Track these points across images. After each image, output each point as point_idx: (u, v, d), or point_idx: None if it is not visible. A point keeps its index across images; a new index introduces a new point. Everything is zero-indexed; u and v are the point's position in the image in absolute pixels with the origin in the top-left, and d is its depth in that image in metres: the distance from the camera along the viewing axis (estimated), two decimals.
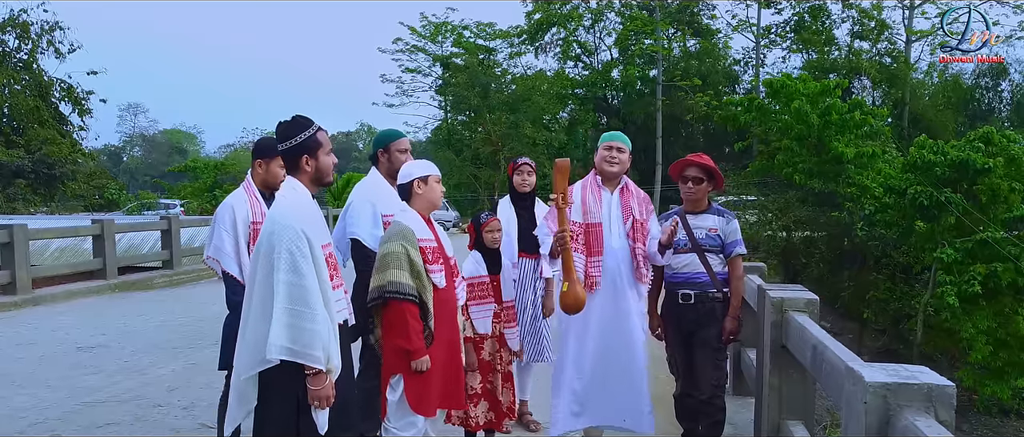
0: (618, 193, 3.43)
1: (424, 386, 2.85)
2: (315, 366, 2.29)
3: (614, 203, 3.41)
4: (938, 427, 1.52)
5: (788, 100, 17.95)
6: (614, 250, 3.35)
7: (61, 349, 6.26)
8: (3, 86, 29.62)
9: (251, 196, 3.31)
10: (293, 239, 2.31)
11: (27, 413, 4.43)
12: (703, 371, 3.47)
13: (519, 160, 4.08)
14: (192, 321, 7.54)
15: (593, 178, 3.46)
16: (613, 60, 34.50)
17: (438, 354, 2.89)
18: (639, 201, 3.45)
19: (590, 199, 3.38)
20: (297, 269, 2.29)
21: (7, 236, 8.61)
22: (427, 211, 3.00)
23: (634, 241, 3.37)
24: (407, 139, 3.52)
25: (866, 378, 1.68)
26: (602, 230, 3.34)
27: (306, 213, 2.42)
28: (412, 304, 2.79)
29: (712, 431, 3.60)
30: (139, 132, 69.46)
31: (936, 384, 1.62)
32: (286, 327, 2.26)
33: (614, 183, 3.45)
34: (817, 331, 2.55)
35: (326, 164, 2.51)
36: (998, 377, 12.94)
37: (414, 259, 2.81)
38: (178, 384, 5.09)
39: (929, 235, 14.06)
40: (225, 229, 3.21)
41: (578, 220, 3.35)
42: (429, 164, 3.03)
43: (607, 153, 3.41)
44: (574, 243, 3.25)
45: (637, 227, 3.38)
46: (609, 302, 3.35)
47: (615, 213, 3.39)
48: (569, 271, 3.18)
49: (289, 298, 2.28)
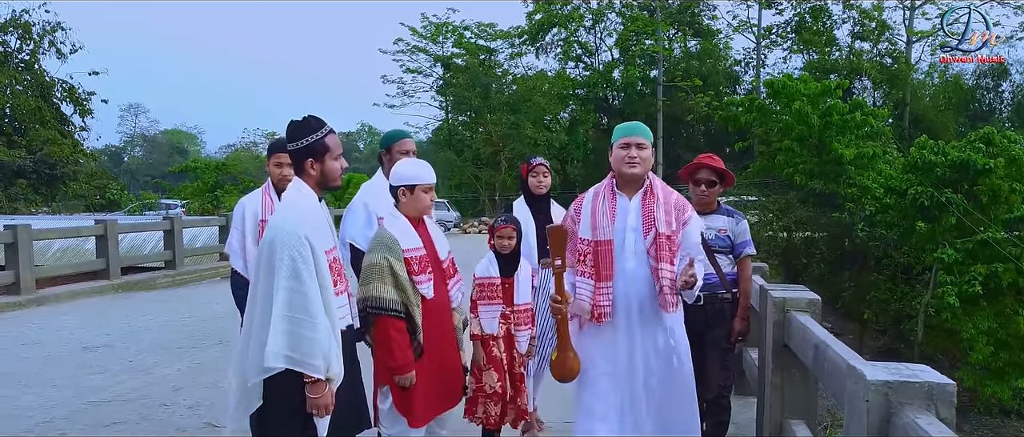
0: (638, 200, 2.74)
1: (411, 398, 2.83)
2: (314, 375, 2.26)
3: (633, 213, 2.72)
4: (939, 424, 1.55)
5: (789, 101, 17.99)
6: (628, 272, 2.67)
7: (66, 349, 6.29)
8: (5, 86, 29.72)
9: (265, 193, 3.35)
10: (295, 245, 2.27)
11: (34, 412, 4.46)
12: (711, 371, 3.49)
13: (534, 161, 3.80)
14: (196, 321, 7.58)
15: (608, 184, 2.80)
16: (614, 60, 34.55)
17: (429, 364, 2.84)
18: (668, 208, 2.73)
19: (601, 211, 2.73)
20: (298, 276, 2.26)
21: (11, 236, 8.66)
22: (417, 215, 2.91)
23: (657, 260, 2.64)
24: (410, 140, 3.48)
25: (868, 376, 1.70)
26: (613, 249, 2.70)
27: (310, 217, 2.37)
28: (395, 319, 2.74)
29: (717, 431, 3.63)
30: (140, 132, 69.57)
31: (937, 382, 1.65)
32: (285, 334, 2.24)
33: (635, 187, 2.77)
34: (819, 331, 2.58)
35: (332, 169, 2.47)
36: (999, 377, 12.96)
37: (398, 272, 2.73)
38: (183, 384, 5.12)
39: (930, 235, 14.08)
40: (235, 226, 3.28)
41: (586, 236, 2.73)
42: (419, 172, 2.89)
43: (625, 152, 2.72)
44: (582, 266, 2.72)
45: (661, 242, 2.66)
46: (622, 338, 2.70)
47: (633, 225, 2.70)
48: (563, 339, 2.71)
49: (289, 305, 2.25)
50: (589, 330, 2.74)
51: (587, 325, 2.74)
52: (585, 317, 2.72)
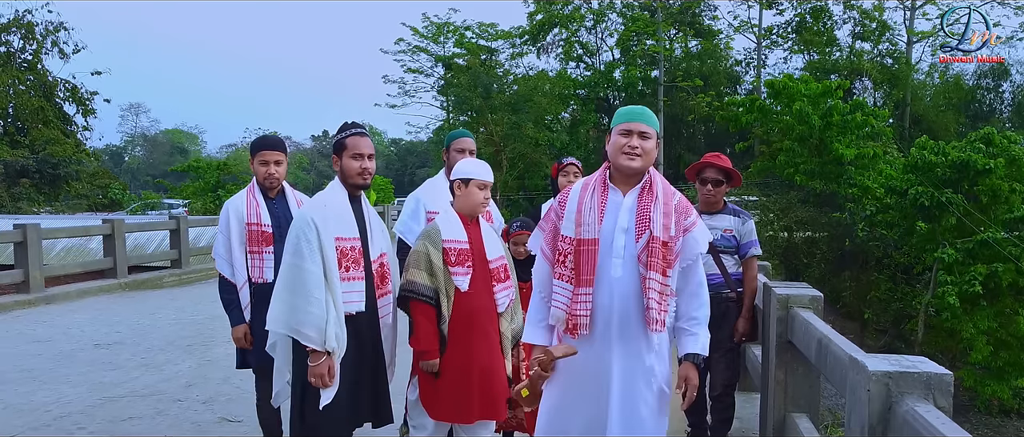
0: (634, 197, 2.29)
1: (433, 388, 2.87)
2: (309, 345, 2.52)
3: (626, 211, 2.28)
4: (937, 412, 1.63)
5: (789, 101, 18.07)
6: (613, 280, 2.24)
7: (78, 346, 6.38)
8: (8, 86, 29.80)
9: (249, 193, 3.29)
10: (302, 227, 2.58)
11: (51, 407, 4.55)
12: (716, 369, 3.57)
13: (565, 160, 3.70)
14: (204, 319, 7.66)
15: (601, 176, 2.35)
16: (615, 61, 34.60)
17: (460, 362, 2.84)
18: (668, 210, 2.27)
19: (588, 207, 2.29)
20: (299, 253, 2.55)
21: (21, 235, 8.75)
22: (469, 212, 2.95)
23: (648, 268, 2.21)
24: (469, 139, 3.55)
25: (870, 367, 1.79)
26: (597, 249, 2.26)
27: (325, 206, 2.65)
28: (425, 304, 2.82)
29: (721, 427, 3.72)
30: (140, 132, 69.69)
31: (935, 373, 1.74)
32: (283, 303, 2.55)
33: (632, 182, 2.31)
34: (822, 326, 2.66)
35: (348, 167, 2.72)
36: (999, 377, 13.03)
37: (433, 260, 2.82)
38: (195, 380, 5.21)
39: (930, 235, 14.15)
40: (221, 230, 3.26)
41: (569, 234, 2.30)
42: (473, 169, 2.94)
43: (625, 140, 2.26)
44: (561, 268, 2.30)
45: (655, 248, 2.21)
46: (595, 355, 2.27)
47: (624, 226, 2.26)
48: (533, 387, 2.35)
49: (288, 278, 2.56)
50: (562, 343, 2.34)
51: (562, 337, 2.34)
52: (560, 327, 2.32)
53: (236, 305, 3.23)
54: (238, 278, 3.23)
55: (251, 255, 3.22)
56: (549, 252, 2.39)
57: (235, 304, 3.24)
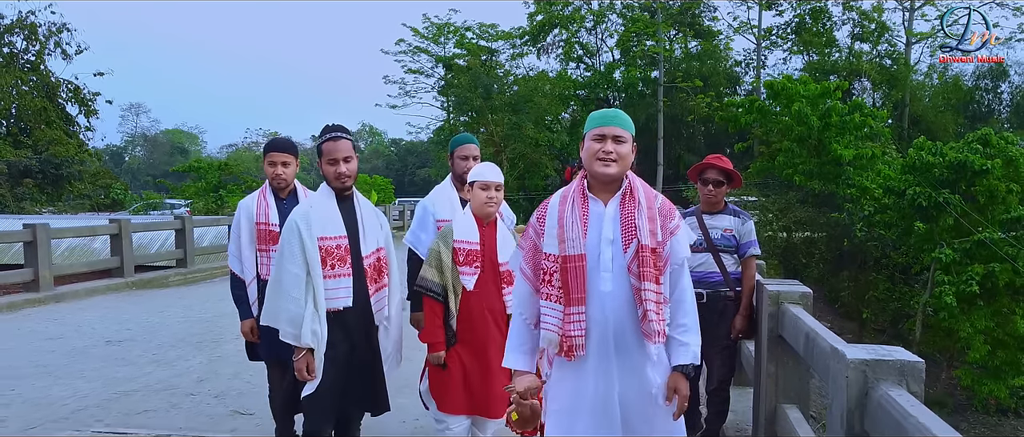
0: (616, 205, 2.20)
1: (443, 382, 3.02)
2: (284, 339, 2.78)
3: (609, 221, 2.18)
4: (908, 396, 1.77)
5: (789, 102, 18.22)
6: (603, 295, 2.15)
7: (90, 343, 6.52)
8: (11, 87, 29.96)
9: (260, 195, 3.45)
10: (287, 229, 2.82)
11: (68, 402, 4.69)
12: (713, 366, 3.70)
13: None
14: (212, 317, 7.81)
15: (578, 186, 2.24)
16: (615, 61, 34.74)
17: (468, 360, 2.99)
18: (652, 215, 2.19)
19: (570, 220, 2.18)
20: (282, 254, 2.81)
21: (31, 235, 8.89)
22: (478, 213, 3.04)
23: (640, 279, 2.12)
24: (472, 145, 3.56)
25: (848, 355, 1.93)
26: (586, 265, 2.16)
27: (311, 207, 2.86)
28: (433, 300, 2.97)
29: (716, 420, 3.85)
30: (141, 132, 69.91)
31: (908, 360, 1.88)
32: (268, 300, 2.87)
33: (611, 190, 2.22)
34: (810, 321, 2.80)
35: (325, 172, 2.89)
36: (996, 376, 13.16)
37: (443, 257, 2.97)
38: (206, 375, 5.35)
39: (928, 236, 14.29)
40: (234, 228, 3.44)
41: (552, 252, 2.19)
42: (479, 170, 3.03)
43: (598, 145, 2.17)
44: (548, 288, 2.19)
45: (645, 257, 2.13)
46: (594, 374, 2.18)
47: (610, 237, 2.17)
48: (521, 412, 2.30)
49: (273, 277, 2.84)
50: (556, 365, 2.24)
51: (555, 360, 2.23)
52: (552, 350, 2.21)
53: (244, 300, 3.41)
54: (247, 274, 3.40)
55: (260, 253, 3.39)
56: (530, 272, 2.27)
57: (243, 299, 3.41)
